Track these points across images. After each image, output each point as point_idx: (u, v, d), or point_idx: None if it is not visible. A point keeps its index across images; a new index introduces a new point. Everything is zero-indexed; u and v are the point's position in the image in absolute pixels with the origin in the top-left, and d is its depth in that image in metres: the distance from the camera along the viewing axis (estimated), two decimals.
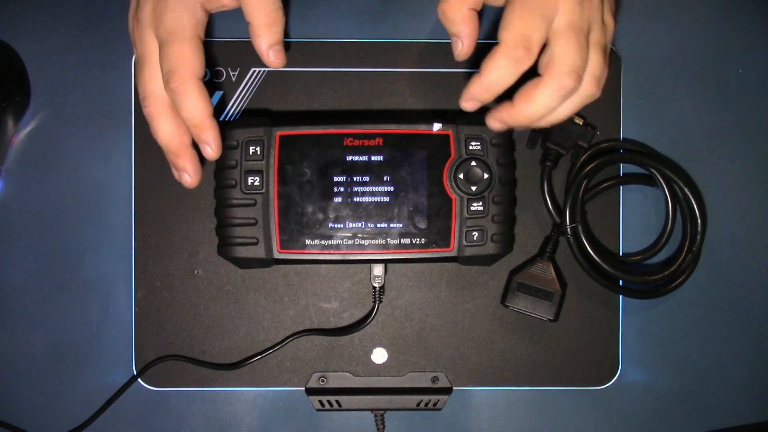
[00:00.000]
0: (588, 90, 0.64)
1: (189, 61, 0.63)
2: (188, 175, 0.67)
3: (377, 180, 0.69)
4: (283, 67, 0.66)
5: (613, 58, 0.76)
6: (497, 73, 0.62)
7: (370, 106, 0.72)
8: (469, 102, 0.65)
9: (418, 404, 0.75)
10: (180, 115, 0.65)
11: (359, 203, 0.69)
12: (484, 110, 0.74)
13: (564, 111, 0.65)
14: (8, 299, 0.76)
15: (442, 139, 0.69)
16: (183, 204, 0.75)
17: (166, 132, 0.65)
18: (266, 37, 0.65)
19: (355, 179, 0.69)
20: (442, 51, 0.76)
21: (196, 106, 0.64)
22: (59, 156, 0.76)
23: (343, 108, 0.76)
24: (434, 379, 0.76)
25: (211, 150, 0.66)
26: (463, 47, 0.65)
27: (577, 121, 0.74)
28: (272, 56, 0.66)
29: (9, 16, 0.76)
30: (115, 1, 0.76)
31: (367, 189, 0.69)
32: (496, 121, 0.66)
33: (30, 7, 0.76)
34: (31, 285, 0.76)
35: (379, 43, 0.76)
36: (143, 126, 0.75)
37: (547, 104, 0.63)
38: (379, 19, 0.77)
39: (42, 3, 0.77)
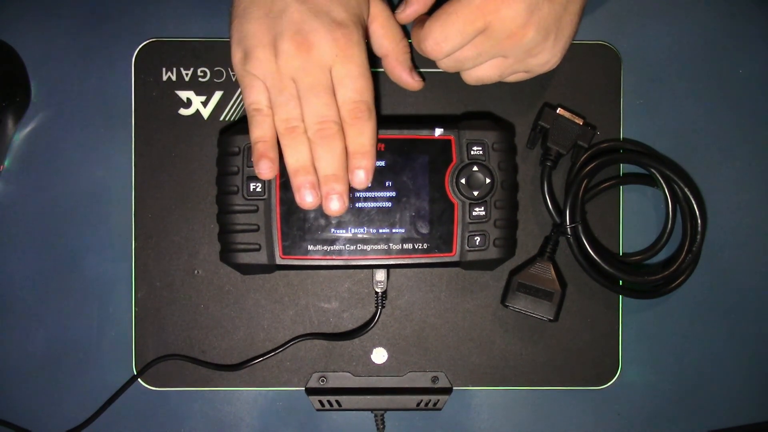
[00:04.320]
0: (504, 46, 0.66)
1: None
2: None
3: (379, 185, 0.69)
4: None
5: (613, 58, 0.76)
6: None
7: None
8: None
9: (418, 404, 0.75)
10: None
11: (361, 209, 0.69)
12: (486, 115, 0.74)
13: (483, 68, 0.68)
14: (8, 299, 0.76)
15: (444, 144, 0.69)
16: (183, 204, 0.75)
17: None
18: (407, 64, 0.70)
19: None
20: None
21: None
22: (59, 156, 0.76)
23: None
24: (434, 379, 0.76)
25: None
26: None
27: (577, 121, 0.74)
28: (416, 78, 0.71)
29: (9, 16, 0.76)
30: (115, 2, 0.76)
31: (369, 194, 0.69)
32: (406, 14, 0.70)
33: (30, 7, 0.76)
34: (31, 285, 0.76)
35: None
36: (143, 126, 0.75)
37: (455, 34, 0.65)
38: None
39: (42, 3, 0.76)
